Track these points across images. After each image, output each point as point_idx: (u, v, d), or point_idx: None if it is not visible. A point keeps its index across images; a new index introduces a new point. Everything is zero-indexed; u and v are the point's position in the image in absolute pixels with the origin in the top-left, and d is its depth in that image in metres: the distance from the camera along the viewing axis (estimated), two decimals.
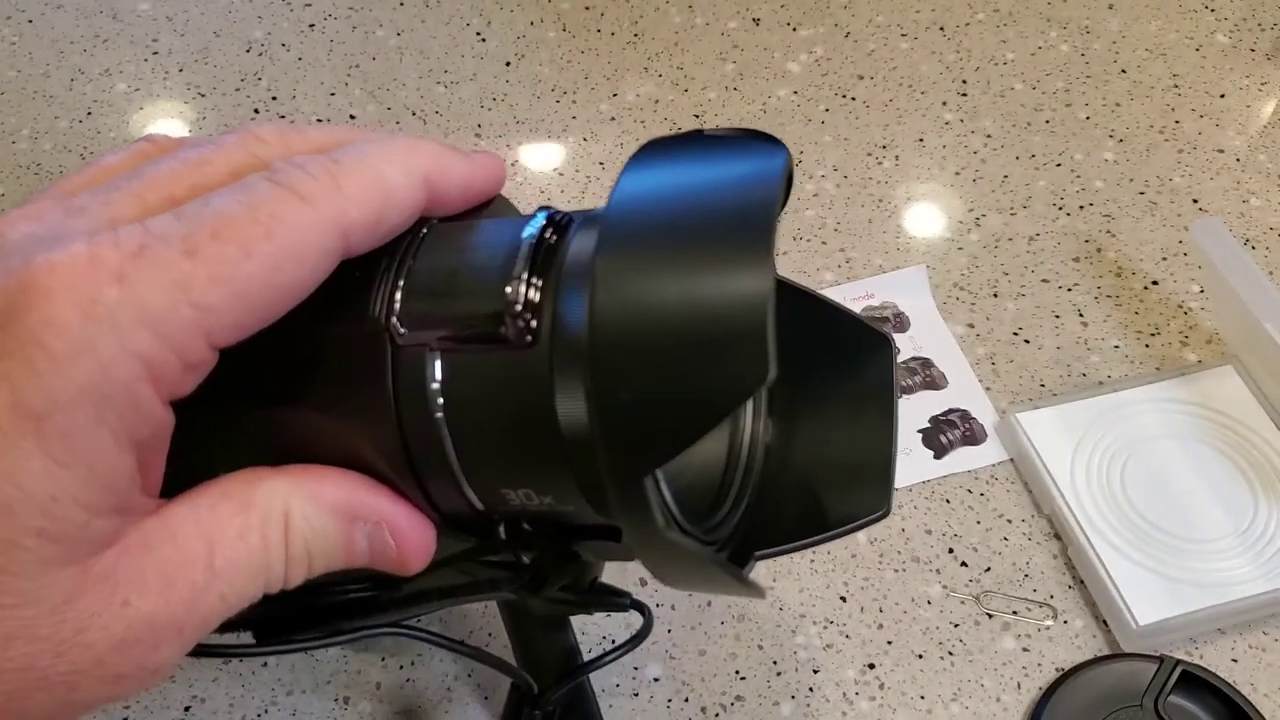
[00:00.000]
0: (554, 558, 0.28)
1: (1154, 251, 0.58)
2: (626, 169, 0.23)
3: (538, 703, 0.36)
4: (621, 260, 0.21)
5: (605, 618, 0.46)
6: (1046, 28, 0.70)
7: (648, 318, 0.20)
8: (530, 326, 0.23)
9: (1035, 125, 0.64)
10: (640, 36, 0.70)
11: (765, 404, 0.30)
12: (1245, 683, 0.44)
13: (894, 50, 0.69)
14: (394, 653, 0.45)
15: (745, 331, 0.20)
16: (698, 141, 0.24)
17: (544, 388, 0.23)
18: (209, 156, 0.23)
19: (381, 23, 0.71)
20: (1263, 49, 0.68)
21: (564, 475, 0.24)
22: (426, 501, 0.25)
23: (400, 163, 0.23)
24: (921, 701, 0.44)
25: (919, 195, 0.61)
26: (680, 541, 0.22)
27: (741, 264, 0.20)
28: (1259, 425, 0.50)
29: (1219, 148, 0.63)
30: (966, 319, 0.55)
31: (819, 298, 0.30)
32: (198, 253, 0.20)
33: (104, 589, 0.21)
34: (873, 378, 0.29)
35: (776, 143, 0.23)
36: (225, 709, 0.43)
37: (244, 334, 0.21)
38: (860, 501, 0.28)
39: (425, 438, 0.24)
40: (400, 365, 0.24)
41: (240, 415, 0.25)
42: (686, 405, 0.20)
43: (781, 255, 0.58)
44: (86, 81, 0.68)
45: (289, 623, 0.30)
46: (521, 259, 0.23)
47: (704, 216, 0.21)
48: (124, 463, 0.20)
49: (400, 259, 0.24)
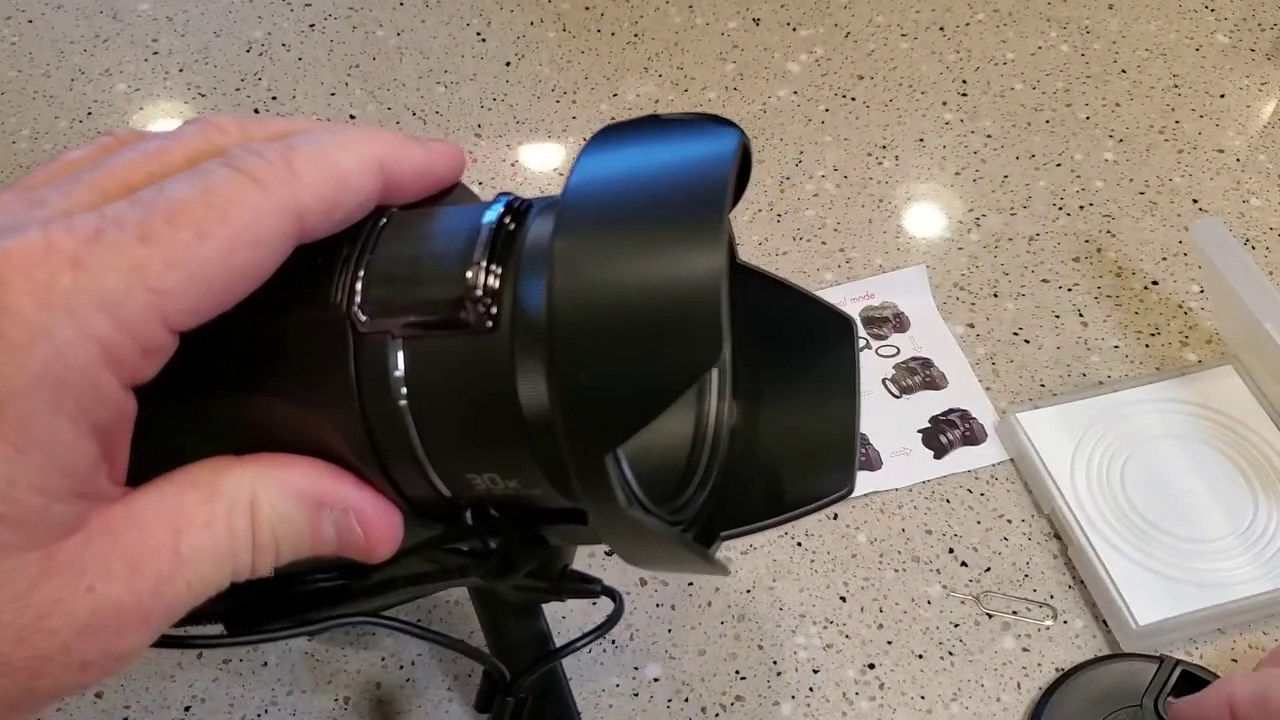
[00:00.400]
0: (520, 542, 0.28)
1: (1154, 251, 0.58)
2: (582, 154, 0.24)
3: (509, 689, 0.36)
4: (578, 244, 0.21)
5: (591, 611, 0.46)
6: (1046, 28, 0.70)
7: (604, 300, 0.21)
8: (490, 312, 0.23)
9: (1035, 125, 0.64)
10: (640, 36, 0.70)
11: (730, 387, 0.30)
12: None
13: (894, 50, 0.69)
14: (394, 653, 0.45)
15: (698, 310, 0.20)
16: (653, 125, 0.24)
17: (505, 372, 0.23)
18: (168, 146, 0.23)
19: (381, 23, 0.71)
20: (1263, 49, 0.68)
21: (527, 458, 0.24)
22: (393, 488, 0.26)
23: (354, 149, 0.24)
24: (921, 701, 0.44)
25: (919, 195, 0.61)
26: (642, 520, 0.23)
27: (694, 244, 0.21)
28: (1259, 425, 0.50)
29: (1219, 148, 0.63)
30: (966, 319, 0.55)
31: (783, 282, 0.30)
32: (152, 237, 0.20)
33: (69, 575, 0.21)
34: (836, 359, 0.30)
35: (730, 125, 0.24)
36: (225, 709, 0.43)
37: (202, 318, 0.22)
38: (825, 481, 0.28)
39: (389, 425, 0.24)
40: (362, 353, 0.24)
41: (205, 404, 0.25)
42: (643, 384, 0.21)
43: (782, 255, 0.58)
44: (87, 82, 0.68)
45: (260, 613, 0.30)
46: (481, 244, 0.24)
47: (658, 199, 0.22)
48: (84, 448, 0.21)
49: (361, 247, 0.25)
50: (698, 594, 0.46)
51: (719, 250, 0.21)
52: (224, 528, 0.23)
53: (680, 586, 0.47)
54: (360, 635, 0.45)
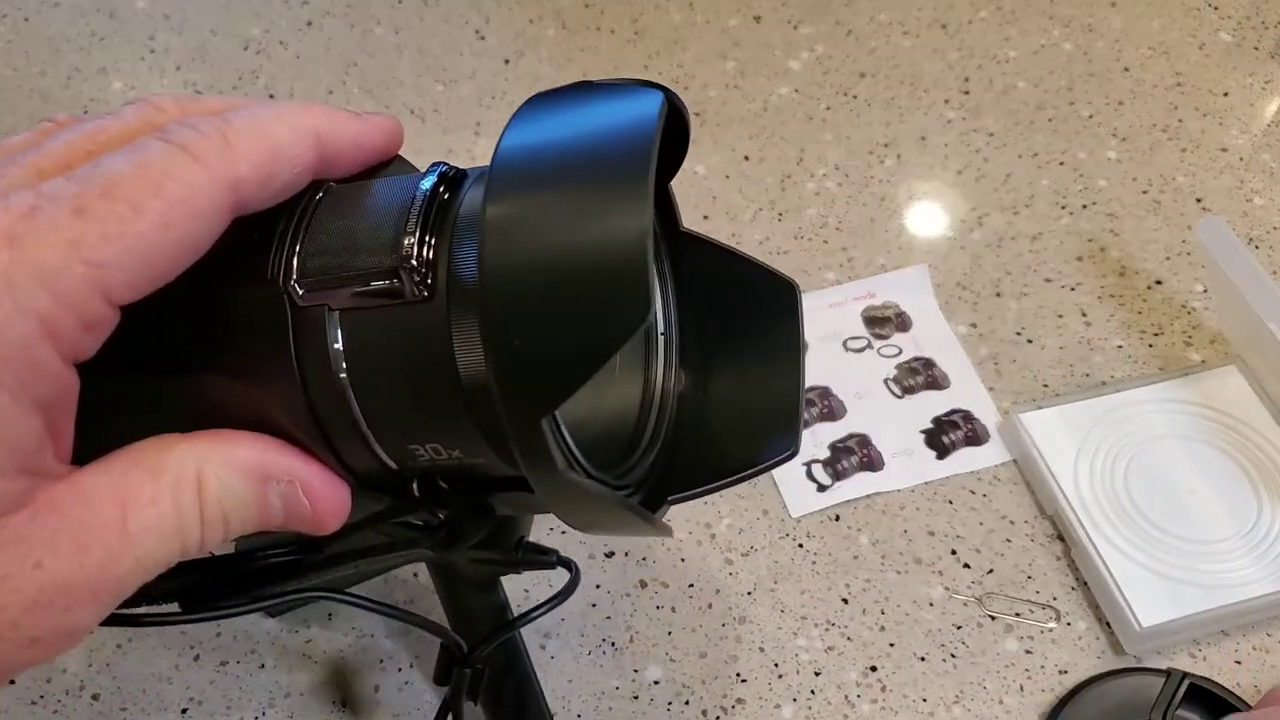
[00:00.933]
0: (468, 511, 0.29)
1: (1157, 251, 0.58)
2: (511, 121, 0.24)
3: (466, 661, 0.37)
4: (509, 210, 0.22)
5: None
6: (1049, 25, 0.69)
7: (535, 265, 0.21)
8: (426, 281, 0.24)
9: (1038, 124, 0.64)
10: (640, 34, 0.69)
11: (678, 354, 0.31)
12: (1249, 685, 0.43)
13: (896, 48, 0.68)
14: (392, 655, 0.44)
15: (625, 270, 0.21)
16: (581, 91, 0.25)
17: (443, 340, 0.24)
18: (105, 126, 0.23)
19: (380, 20, 0.70)
20: (1266, 47, 0.68)
21: (468, 426, 0.24)
22: (339, 462, 0.26)
23: (289, 121, 0.24)
24: (924, 704, 0.43)
25: (921, 194, 0.61)
26: (581, 482, 0.23)
27: (620, 206, 0.21)
28: (1263, 426, 0.50)
29: (1222, 146, 0.63)
30: (969, 318, 0.55)
31: (729, 249, 0.31)
32: (87, 211, 0.20)
33: (15, 551, 0.21)
34: (782, 325, 0.30)
35: (656, 88, 0.24)
36: (223, 710, 0.43)
37: (140, 291, 0.22)
38: (770, 444, 0.29)
39: (331, 398, 0.25)
40: (301, 327, 0.24)
41: (149, 382, 0.25)
42: (576, 346, 0.21)
43: (783, 254, 0.58)
44: (83, 80, 0.67)
45: (214, 591, 0.30)
46: (415, 214, 0.24)
47: (585, 162, 0.22)
48: (26, 424, 0.21)
49: (297, 221, 0.25)
50: (698, 596, 0.46)
51: (644, 211, 0.21)
52: (170, 503, 0.23)
53: (681, 589, 0.46)
54: (360, 636, 0.45)
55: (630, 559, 0.47)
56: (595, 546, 0.47)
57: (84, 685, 0.44)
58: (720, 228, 0.59)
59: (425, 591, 0.46)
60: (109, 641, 0.45)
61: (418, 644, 0.45)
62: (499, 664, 0.39)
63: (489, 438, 0.25)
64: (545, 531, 0.45)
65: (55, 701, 0.43)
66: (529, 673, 0.41)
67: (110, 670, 0.44)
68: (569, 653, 0.45)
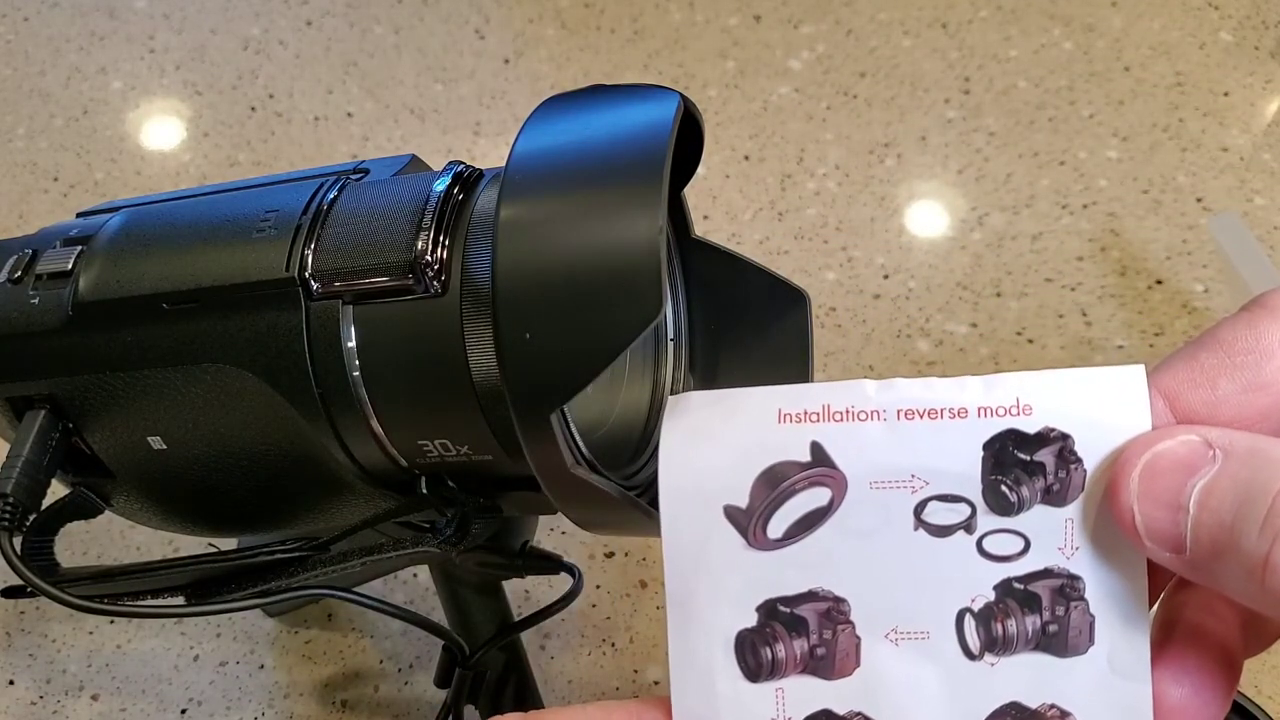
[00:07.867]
0: (474, 510, 0.29)
1: (1158, 250, 0.58)
2: (526, 124, 0.24)
3: (468, 663, 0.37)
4: (522, 211, 0.22)
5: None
6: (1049, 25, 0.69)
7: (548, 264, 0.22)
8: (440, 278, 0.24)
9: (1038, 123, 0.64)
10: (640, 34, 0.69)
11: (687, 358, 0.31)
12: (1249, 686, 0.43)
13: (896, 48, 0.68)
14: (392, 655, 0.44)
15: (638, 271, 0.21)
16: (596, 94, 0.25)
17: (454, 337, 0.24)
18: None
19: (379, 20, 0.70)
20: (1267, 46, 0.68)
21: (477, 422, 0.25)
22: (346, 455, 0.26)
23: None
24: None
25: (921, 194, 0.61)
26: (587, 478, 0.23)
27: (634, 208, 0.22)
28: None
29: (1223, 146, 0.62)
30: (969, 318, 0.55)
31: (738, 256, 0.31)
32: None
33: None
34: (791, 331, 0.31)
35: (670, 93, 0.24)
36: (223, 710, 0.43)
37: None
38: None
39: (342, 390, 0.25)
40: (314, 321, 0.25)
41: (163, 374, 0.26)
42: (586, 342, 0.21)
43: (783, 254, 0.57)
44: (83, 80, 0.67)
45: (219, 584, 0.30)
46: (430, 212, 0.24)
47: (599, 164, 0.23)
48: None
49: (314, 216, 0.25)
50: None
51: (657, 212, 0.21)
52: None
53: None
54: (360, 636, 0.45)
55: (630, 559, 0.47)
56: (595, 547, 0.47)
57: (84, 685, 0.43)
58: (720, 228, 0.59)
59: (426, 593, 0.46)
60: (109, 641, 0.45)
61: (418, 645, 0.45)
62: (500, 667, 0.39)
63: (498, 434, 0.25)
64: (545, 533, 0.45)
65: (55, 701, 0.43)
66: (529, 681, 0.41)
67: (110, 670, 0.44)
68: (569, 653, 0.44)
